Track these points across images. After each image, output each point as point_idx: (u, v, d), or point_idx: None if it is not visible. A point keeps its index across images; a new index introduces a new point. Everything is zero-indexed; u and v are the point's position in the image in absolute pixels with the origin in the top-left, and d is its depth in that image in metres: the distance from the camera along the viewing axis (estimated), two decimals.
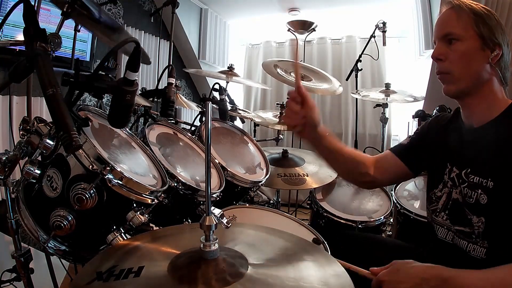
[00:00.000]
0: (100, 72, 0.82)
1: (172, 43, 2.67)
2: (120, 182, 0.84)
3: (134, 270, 0.65)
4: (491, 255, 0.90)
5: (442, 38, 0.96)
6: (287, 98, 1.05)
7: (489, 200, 0.90)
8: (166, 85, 1.51)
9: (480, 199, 0.92)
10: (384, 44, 2.72)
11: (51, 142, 0.82)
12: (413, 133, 1.22)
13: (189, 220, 1.19)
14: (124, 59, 1.89)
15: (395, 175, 1.19)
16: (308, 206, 2.43)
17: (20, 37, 0.81)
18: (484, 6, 0.94)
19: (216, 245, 0.66)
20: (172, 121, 1.59)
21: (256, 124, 2.74)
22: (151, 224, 0.90)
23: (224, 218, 0.99)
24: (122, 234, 0.86)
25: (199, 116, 1.91)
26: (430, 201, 1.09)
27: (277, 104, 2.40)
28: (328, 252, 1.14)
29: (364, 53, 2.72)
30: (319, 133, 1.08)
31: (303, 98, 1.03)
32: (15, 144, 0.87)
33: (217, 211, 1.03)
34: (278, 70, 2.21)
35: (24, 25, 0.75)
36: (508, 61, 0.96)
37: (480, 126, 0.97)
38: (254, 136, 2.69)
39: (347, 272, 0.66)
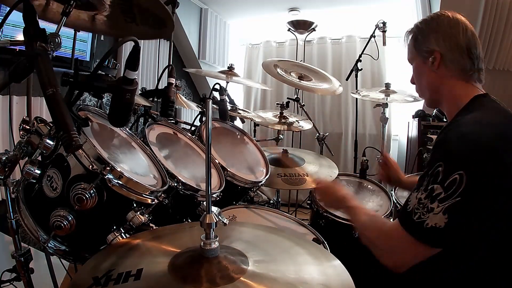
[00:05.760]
0: (99, 71, 0.82)
1: (172, 43, 2.66)
2: (120, 182, 0.84)
3: (133, 273, 0.64)
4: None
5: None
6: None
7: None
8: (166, 85, 1.50)
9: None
10: (384, 44, 2.71)
11: (51, 142, 0.82)
12: None
13: (189, 220, 1.19)
14: (124, 58, 1.88)
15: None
16: (308, 206, 2.43)
17: (20, 37, 0.81)
18: (423, 18, 1.03)
19: (217, 243, 0.66)
20: (172, 121, 1.59)
21: (256, 124, 2.74)
22: (151, 224, 0.90)
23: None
24: (122, 234, 0.86)
25: (199, 116, 1.91)
26: None
27: (277, 104, 2.40)
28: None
29: (364, 53, 2.72)
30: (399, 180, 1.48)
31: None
32: (15, 144, 0.87)
33: (215, 209, 1.02)
34: (278, 70, 2.21)
35: (24, 25, 0.75)
36: (459, 54, 0.93)
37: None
38: (254, 136, 2.69)
39: None
